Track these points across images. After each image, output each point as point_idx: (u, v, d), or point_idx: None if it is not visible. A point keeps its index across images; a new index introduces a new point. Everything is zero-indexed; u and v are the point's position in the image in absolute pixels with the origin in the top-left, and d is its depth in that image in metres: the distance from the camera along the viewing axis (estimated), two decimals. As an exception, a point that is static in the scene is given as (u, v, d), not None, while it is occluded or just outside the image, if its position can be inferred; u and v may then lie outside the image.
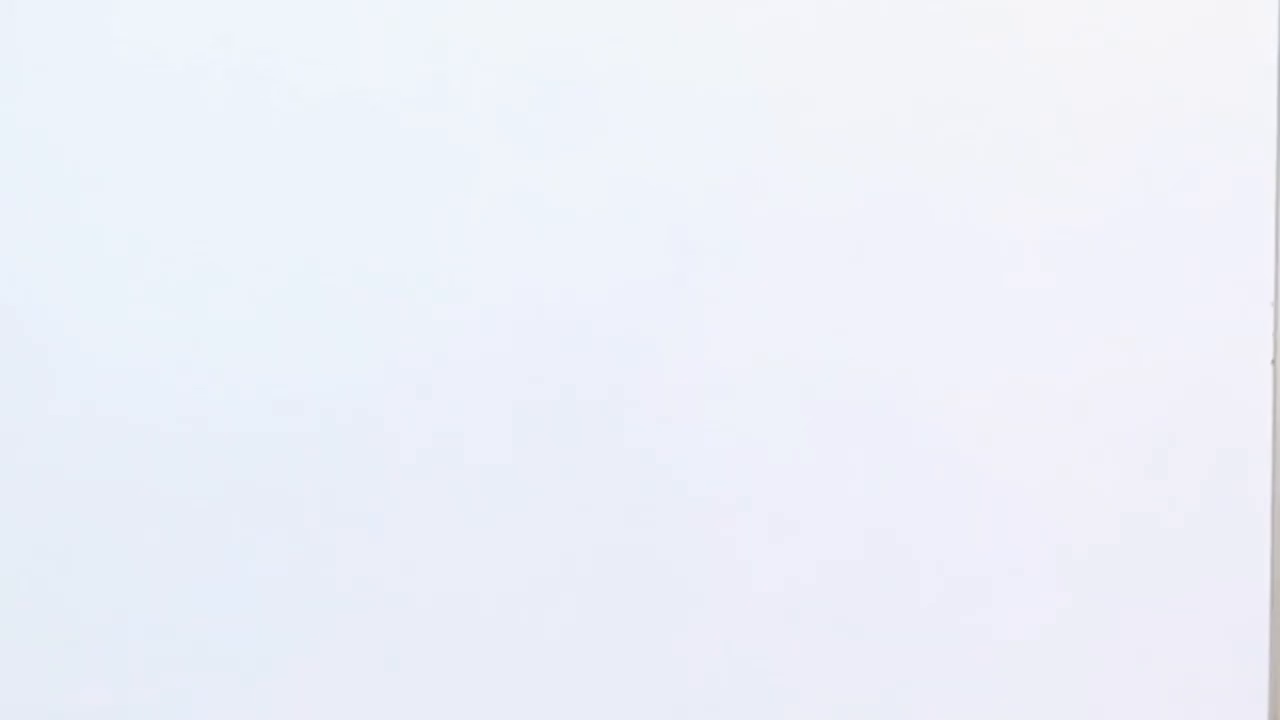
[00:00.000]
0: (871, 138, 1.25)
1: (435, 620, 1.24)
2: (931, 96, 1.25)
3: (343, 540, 1.23)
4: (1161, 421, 1.27)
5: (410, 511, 1.23)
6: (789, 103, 1.25)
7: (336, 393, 1.22)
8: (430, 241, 1.23)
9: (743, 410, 1.25)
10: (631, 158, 1.24)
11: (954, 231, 1.26)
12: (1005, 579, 1.27)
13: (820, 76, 1.25)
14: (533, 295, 1.24)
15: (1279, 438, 1.28)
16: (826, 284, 1.25)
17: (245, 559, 1.23)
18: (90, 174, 1.21)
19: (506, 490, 1.24)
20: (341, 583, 1.23)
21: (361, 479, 1.23)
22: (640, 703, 1.25)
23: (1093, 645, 1.27)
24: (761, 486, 1.25)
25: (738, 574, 1.25)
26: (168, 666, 1.22)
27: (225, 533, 1.22)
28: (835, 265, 1.25)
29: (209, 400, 1.22)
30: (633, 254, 1.24)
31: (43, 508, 1.21)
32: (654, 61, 1.24)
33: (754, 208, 1.25)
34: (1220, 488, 1.27)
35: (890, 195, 1.25)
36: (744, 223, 1.25)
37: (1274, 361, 1.27)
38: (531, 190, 1.24)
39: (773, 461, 1.25)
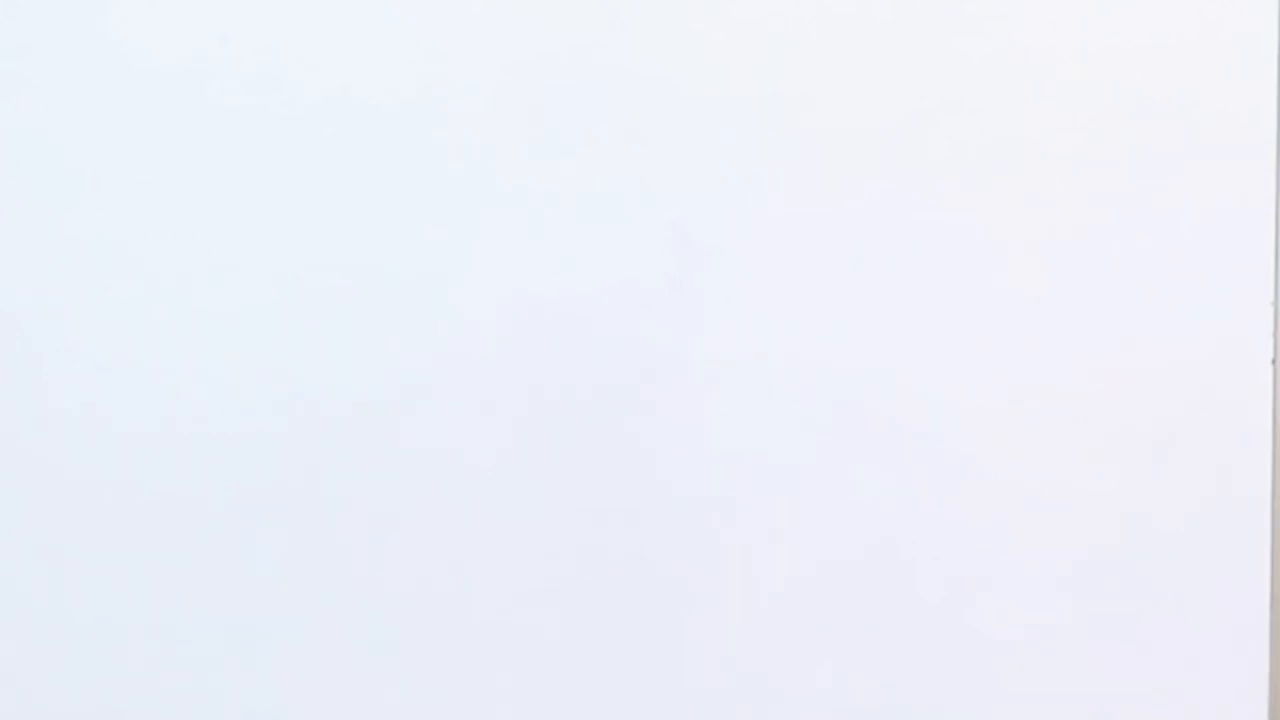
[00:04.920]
0: (872, 138, 1.25)
1: (435, 620, 1.24)
2: (931, 96, 1.25)
3: (342, 540, 1.23)
4: (1161, 421, 1.27)
5: (409, 511, 1.23)
6: (789, 103, 1.25)
7: (336, 393, 1.23)
8: (430, 241, 1.23)
9: (742, 411, 1.25)
10: (631, 158, 1.24)
11: (953, 231, 1.26)
12: (1005, 579, 1.27)
13: (820, 77, 1.25)
14: (533, 295, 1.24)
15: (1279, 438, 1.27)
16: (827, 284, 1.25)
17: (244, 559, 1.23)
18: (89, 174, 1.21)
19: (506, 490, 1.24)
20: (341, 583, 1.23)
21: (361, 479, 1.23)
22: (640, 703, 1.25)
23: (1092, 645, 1.27)
24: (761, 487, 1.25)
25: (737, 574, 1.25)
26: (167, 666, 1.22)
27: (224, 533, 1.22)
28: (835, 265, 1.25)
29: (209, 400, 1.22)
30: (633, 254, 1.24)
31: (42, 509, 1.22)
32: (654, 62, 1.24)
33: (754, 207, 1.25)
34: (1220, 488, 1.27)
35: (889, 195, 1.25)
36: (744, 223, 1.25)
37: (1274, 361, 1.27)
38: (531, 190, 1.24)
39: (772, 462, 1.25)
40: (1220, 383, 1.27)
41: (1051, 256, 1.26)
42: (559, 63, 1.24)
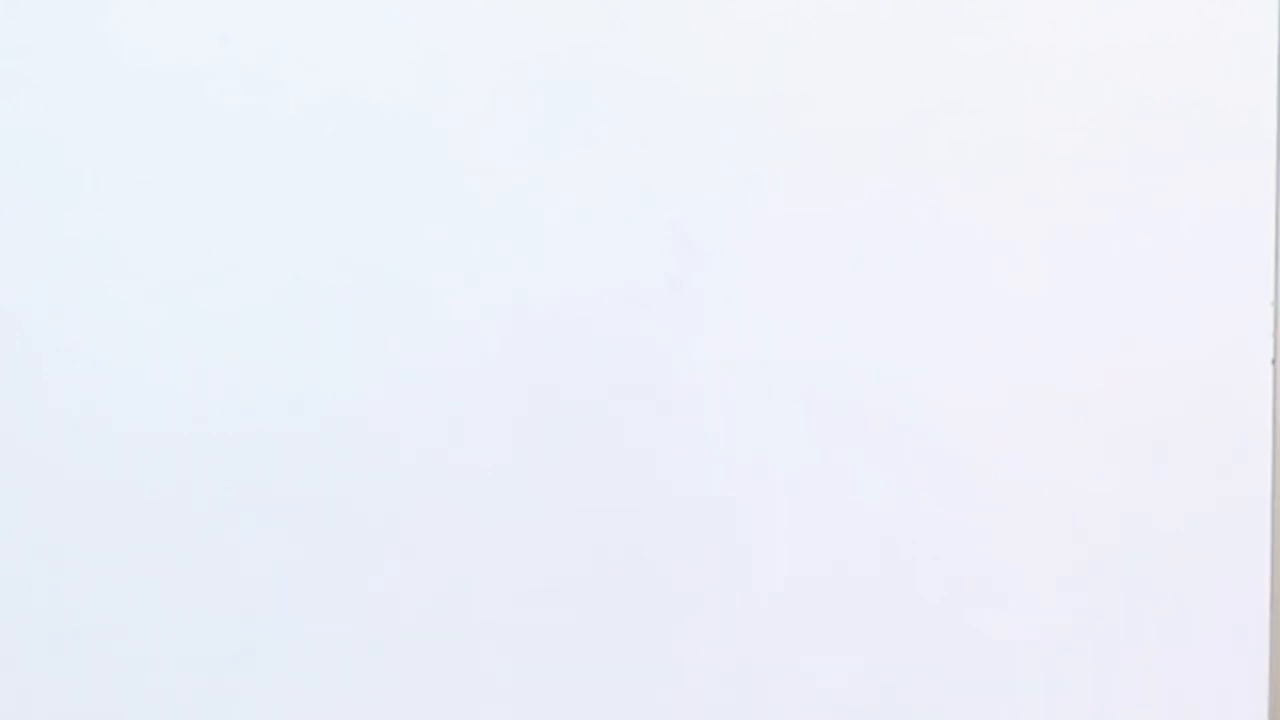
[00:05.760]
0: (871, 138, 1.25)
1: (435, 621, 1.24)
2: (931, 97, 1.25)
3: (342, 541, 1.23)
4: (1161, 421, 1.27)
5: (410, 512, 1.23)
6: (789, 103, 1.25)
7: (336, 393, 1.23)
8: (430, 241, 1.23)
9: (743, 411, 1.25)
10: (631, 158, 1.24)
11: (954, 232, 1.26)
12: (1005, 579, 1.27)
13: (820, 77, 1.25)
14: (533, 295, 1.24)
15: (1279, 438, 1.27)
16: (827, 284, 1.25)
17: (244, 560, 1.23)
18: (89, 174, 1.21)
19: (507, 491, 1.24)
20: (340, 584, 1.23)
21: (361, 480, 1.23)
22: (640, 703, 1.25)
23: (1092, 645, 1.27)
24: (761, 487, 1.25)
25: (737, 574, 1.25)
26: (166, 667, 1.22)
27: (224, 534, 1.22)
28: (835, 266, 1.25)
29: (209, 401, 1.22)
30: (633, 254, 1.24)
31: (42, 509, 1.22)
32: (654, 61, 1.24)
33: (754, 207, 1.25)
34: (1220, 488, 1.27)
35: (889, 196, 1.25)
36: (744, 223, 1.25)
37: (1274, 361, 1.27)
38: (531, 190, 1.24)
39: (772, 462, 1.25)
40: (1220, 383, 1.27)
41: (1051, 256, 1.26)
42: (559, 63, 1.24)
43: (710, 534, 1.25)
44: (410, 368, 1.23)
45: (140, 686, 1.22)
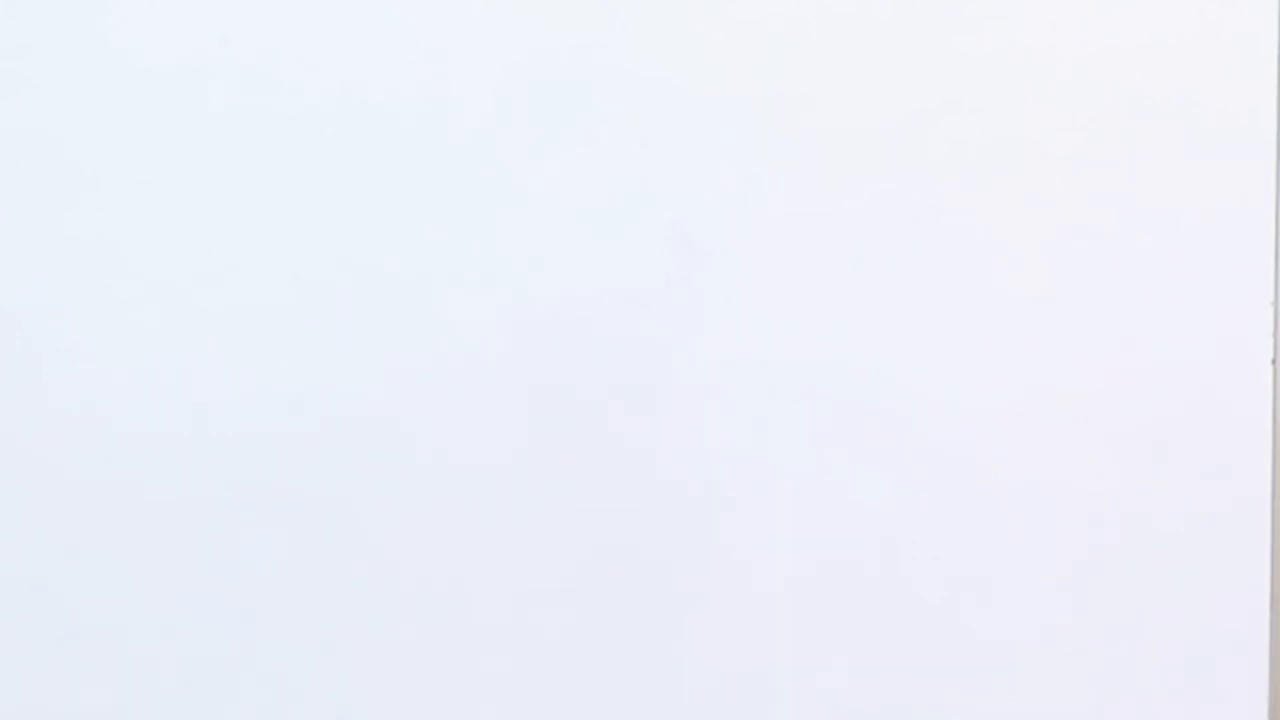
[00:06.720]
0: (872, 139, 1.25)
1: (434, 621, 1.24)
2: (931, 97, 1.25)
3: (342, 541, 1.23)
4: (1161, 421, 1.27)
5: (409, 512, 1.23)
6: (789, 103, 1.25)
7: (336, 394, 1.23)
8: (430, 241, 1.23)
9: (743, 411, 1.25)
10: (631, 158, 1.24)
11: (953, 232, 1.26)
12: (1004, 579, 1.27)
13: (820, 77, 1.25)
14: (533, 295, 1.24)
15: (1279, 438, 1.27)
16: (827, 284, 1.25)
17: (244, 560, 1.23)
18: (89, 174, 1.21)
19: (506, 491, 1.24)
20: (341, 584, 1.23)
21: (361, 480, 1.23)
22: (640, 703, 1.25)
23: (1091, 645, 1.27)
24: (761, 487, 1.25)
25: (737, 574, 1.25)
26: (166, 667, 1.22)
27: (225, 535, 1.22)
28: (836, 266, 1.25)
29: (209, 401, 1.22)
30: (633, 254, 1.24)
31: (42, 509, 1.22)
32: (655, 61, 1.24)
33: (755, 208, 1.25)
34: (1220, 488, 1.27)
35: (889, 196, 1.25)
36: (745, 223, 1.25)
37: (1274, 361, 1.27)
38: (531, 190, 1.24)
39: (772, 462, 1.25)
40: (1220, 383, 1.27)
41: (1051, 256, 1.26)
42: (559, 62, 1.24)
43: (710, 534, 1.25)
44: (410, 368, 1.23)
45: (140, 686, 1.22)
